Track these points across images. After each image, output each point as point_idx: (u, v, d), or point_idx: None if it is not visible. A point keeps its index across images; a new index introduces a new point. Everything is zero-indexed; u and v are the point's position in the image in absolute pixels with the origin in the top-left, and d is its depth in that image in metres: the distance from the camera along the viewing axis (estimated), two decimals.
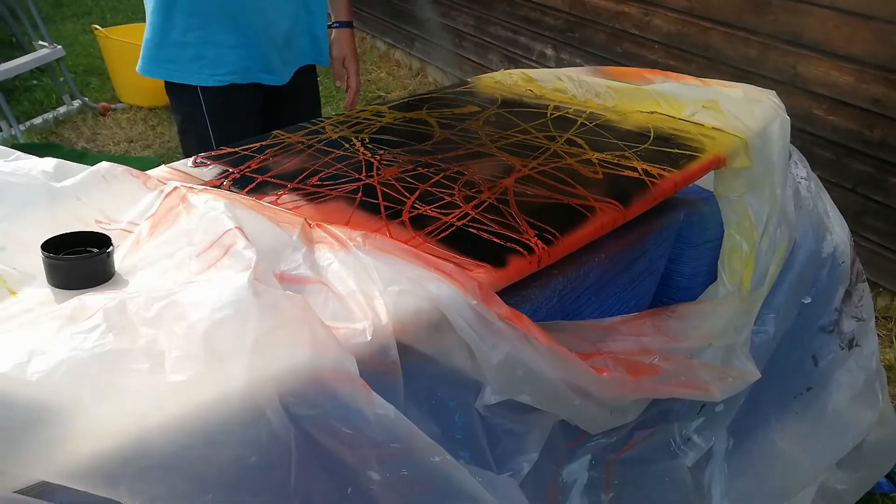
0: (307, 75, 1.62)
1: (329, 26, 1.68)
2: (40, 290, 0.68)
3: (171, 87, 1.47)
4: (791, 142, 1.16)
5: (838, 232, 1.29)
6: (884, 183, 2.14)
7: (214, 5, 1.40)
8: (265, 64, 1.49)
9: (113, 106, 3.83)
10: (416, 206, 0.88)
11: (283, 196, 0.90)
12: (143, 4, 1.46)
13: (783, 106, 1.17)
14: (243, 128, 1.40)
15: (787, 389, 1.24)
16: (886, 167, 2.12)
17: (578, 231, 0.87)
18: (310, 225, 0.77)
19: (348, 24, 1.70)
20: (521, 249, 0.82)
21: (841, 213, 1.32)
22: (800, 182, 1.25)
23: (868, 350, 1.33)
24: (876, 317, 1.55)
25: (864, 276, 1.38)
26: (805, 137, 2.21)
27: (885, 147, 2.10)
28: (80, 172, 0.83)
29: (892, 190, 2.13)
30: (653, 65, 2.68)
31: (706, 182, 1.11)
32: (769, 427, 1.20)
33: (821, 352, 1.28)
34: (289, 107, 1.57)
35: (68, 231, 0.72)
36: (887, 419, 1.39)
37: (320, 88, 1.76)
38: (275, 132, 1.10)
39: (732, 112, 1.13)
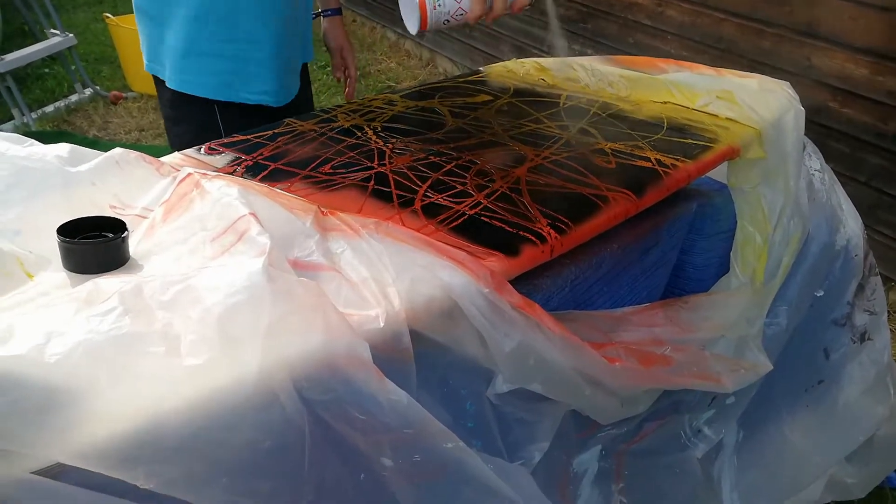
0: (303, 75, 1.56)
1: (318, 15, 1.59)
2: (56, 273, 0.69)
3: (180, 97, 1.37)
4: (805, 134, 1.15)
5: (851, 225, 1.29)
6: None
7: (245, 12, 1.31)
8: (291, 75, 1.43)
9: (124, 95, 3.85)
10: (428, 194, 0.88)
11: (296, 183, 0.90)
12: None
13: (797, 97, 1.16)
14: None
15: (799, 382, 1.23)
16: None
17: (591, 221, 0.87)
18: (323, 212, 0.77)
19: (339, 12, 1.63)
20: (533, 238, 0.81)
21: (854, 206, 1.31)
22: (813, 174, 1.24)
23: (880, 344, 1.33)
24: (888, 311, 1.54)
25: (877, 270, 1.37)
26: (819, 130, 2.20)
27: None
28: (94, 158, 0.84)
29: None
30: (665, 56, 2.66)
31: (719, 173, 1.10)
32: (780, 420, 1.20)
33: (832, 345, 1.27)
34: (293, 111, 1.53)
35: (83, 216, 0.72)
36: None
37: (323, 79, 1.71)
38: (286, 120, 1.10)
39: (747, 102, 1.13)
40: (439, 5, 0.91)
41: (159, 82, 1.41)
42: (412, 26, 0.95)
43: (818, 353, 1.26)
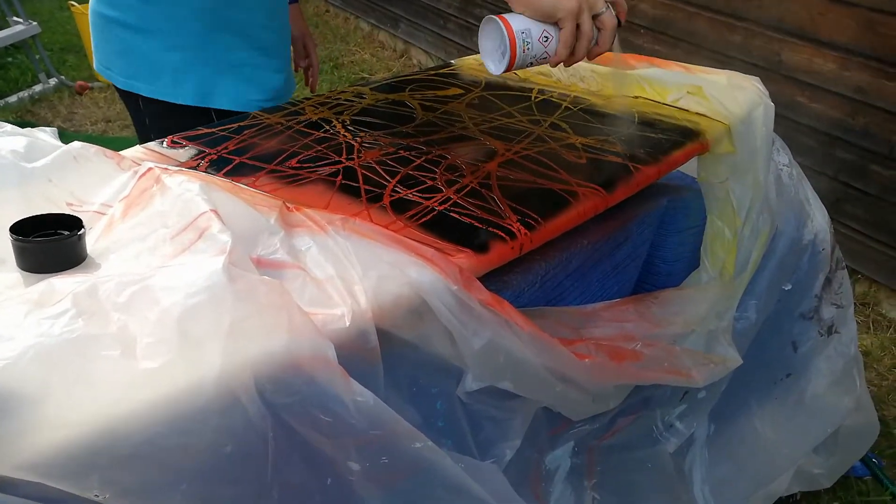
0: None
1: None
2: (10, 273, 0.66)
3: (172, 108, 1.29)
4: (773, 129, 1.15)
5: (818, 219, 1.30)
6: (865, 171, 2.16)
7: (258, 21, 1.27)
8: (290, 72, 1.40)
9: (90, 85, 3.76)
10: (397, 189, 0.87)
11: (262, 178, 0.88)
12: None
13: (767, 92, 1.17)
14: None
15: (768, 375, 1.24)
16: (868, 155, 2.14)
17: (561, 216, 0.86)
18: (288, 208, 0.75)
19: (296, 0, 1.60)
20: (503, 235, 0.81)
21: (822, 200, 1.32)
22: (781, 169, 1.25)
23: (847, 337, 1.35)
24: (854, 303, 1.57)
25: (844, 264, 1.39)
26: (788, 125, 2.22)
27: (867, 135, 2.12)
28: (52, 152, 0.81)
29: (873, 178, 2.14)
30: (638, 49, 2.67)
31: (689, 168, 1.10)
32: (749, 413, 1.21)
33: (800, 338, 1.29)
34: None
35: (38, 213, 0.70)
36: (863, 405, 1.41)
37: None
38: (253, 113, 1.08)
39: (716, 98, 1.13)
40: (528, 49, 0.92)
41: (135, 97, 1.32)
42: (495, 67, 0.95)
43: (786, 346, 1.27)
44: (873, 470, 1.65)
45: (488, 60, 0.96)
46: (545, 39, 0.92)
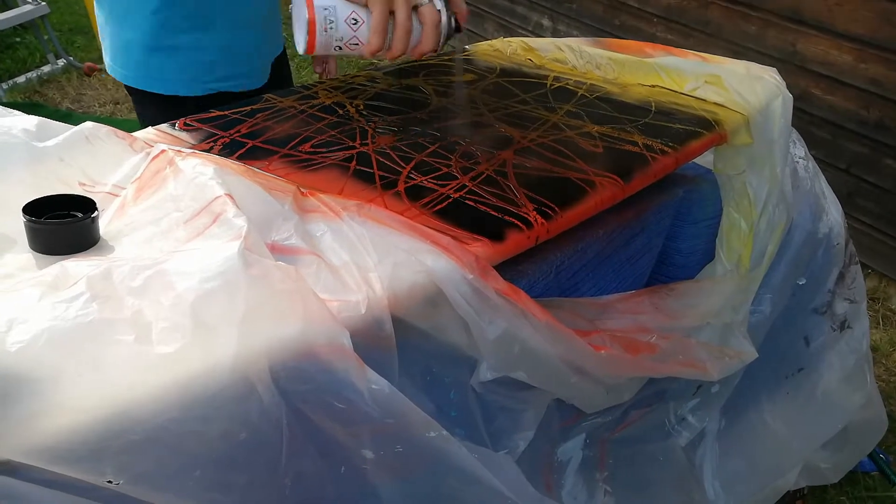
0: (283, 67, 1.46)
1: None
2: (21, 255, 0.65)
3: (157, 98, 1.28)
4: None
5: (833, 213, 1.29)
6: (877, 164, 2.14)
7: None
8: (251, 65, 1.34)
9: (99, 66, 3.75)
10: (411, 176, 0.86)
11: (275, 162, 0.87)
12: None
13: (784, 83, 1.15)
14: None
15: (779, 370, 1.24)
16: (881, 148, 2.12)
17: (578, 205, 0.85)
18: (302, 193, 0.74)
19: None
20: (519, 224, 0.79)
21: (834, 193, 1.31)
22: (797, 162, 1.24)
23: (859, 332, 1.34)
24: (866, 298, 1.55)
25: (857, 259, 1.37)
26: (802, 116, 2.20)
27: (881, 128, 2.10)
28: (64, 132, 0.80)
29: (886, 171, 2.12)
30: (651, 38, 2.64)
31: (704, 159, 1.09)
32: (760, 407, 1.20)
33: (813, 333, 1.28)
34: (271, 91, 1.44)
35: (51, 193, 0.69)
36: (873, 401, 1.40)
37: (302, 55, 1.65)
38: (266, 95, 1.07)
39: (735, 88, 1.11)
40: (331, 28, 0.86)
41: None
42: (300, 45, 0.90)
43: (799, 340, 1.26)
44: (880, 465, 1.65)
45: (298, 37, 0.91)
46: (354, 22, 0.86)
